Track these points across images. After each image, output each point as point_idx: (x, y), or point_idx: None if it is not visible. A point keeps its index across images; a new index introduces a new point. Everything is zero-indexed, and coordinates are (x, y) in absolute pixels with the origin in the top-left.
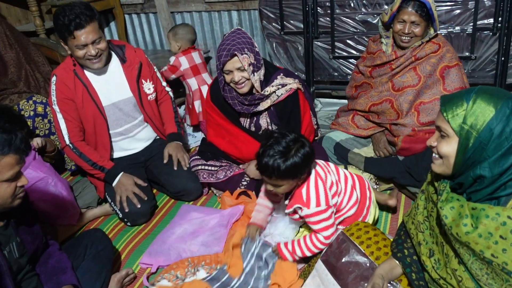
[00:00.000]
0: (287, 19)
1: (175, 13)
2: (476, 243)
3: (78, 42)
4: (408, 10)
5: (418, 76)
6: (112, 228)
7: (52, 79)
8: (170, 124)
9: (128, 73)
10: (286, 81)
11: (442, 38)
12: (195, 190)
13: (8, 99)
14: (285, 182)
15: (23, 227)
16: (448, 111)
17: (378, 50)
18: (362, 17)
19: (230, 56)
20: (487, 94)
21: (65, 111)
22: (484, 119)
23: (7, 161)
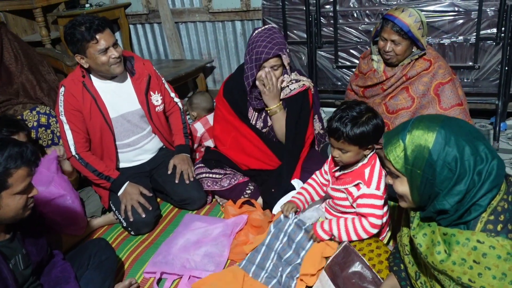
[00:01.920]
0: (291, 29)
1: (179, 23)
2: (452, 270)
3: (100, 46)
4: (388, 29)
5: (411, 97)
6: (116, 237)
7: (60, 90)
8: (179, 136)
9: (137, 85)
10: (300, 78)
11: (433, 52)
12: (199, 198)
13: (12, 110)
14: (352, 148)
15: (29, 239)
16: (390, 154)
17: (369, 70)
18: (365, 27)
19: (273, 55)
20: (420, 128)
21: (72, 122)
22: (423, 156)
23: (19, 174)
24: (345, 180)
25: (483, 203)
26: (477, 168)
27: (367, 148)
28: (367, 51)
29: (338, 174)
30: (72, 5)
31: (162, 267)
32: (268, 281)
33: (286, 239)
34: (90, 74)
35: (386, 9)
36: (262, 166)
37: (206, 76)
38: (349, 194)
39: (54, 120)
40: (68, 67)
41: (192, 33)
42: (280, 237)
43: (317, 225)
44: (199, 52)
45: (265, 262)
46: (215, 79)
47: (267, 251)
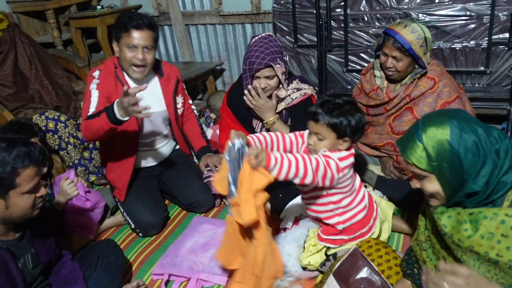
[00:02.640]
0: (301, 32)
1: (189, 25)
2: (480, 245)
3: (130, 40)
4: (389, 44)
5: (416, 119)
6: (124, 239)
7: (94, 72)
8: (199, 139)
9: (165, 87)
10: (301, 86)
11: (437, 69)
12: (207, 201)
13: (23, 113)
14: (329, 135)
15: (37, 239)
16: (411, 157)
17: (371, 90)
18: (375, 30)
19: (264, 66)
20: (432, 125)
21: (102, 91)
22: (444, 149)
23: (27, 173)
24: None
25: (508, 180)
26: (494, 148)
27: (343, 140)
28: (368, 66)
29: None
30: (83, 7)
31: (170, 269)
32: None
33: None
34: (122, 68)
35: (397, 13)
36: None
37: (215, 78)
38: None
39: (62, 125)
40: (79, 68)
41: (202, 35)
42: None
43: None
44: (209, 55)
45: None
46: (224, 82)
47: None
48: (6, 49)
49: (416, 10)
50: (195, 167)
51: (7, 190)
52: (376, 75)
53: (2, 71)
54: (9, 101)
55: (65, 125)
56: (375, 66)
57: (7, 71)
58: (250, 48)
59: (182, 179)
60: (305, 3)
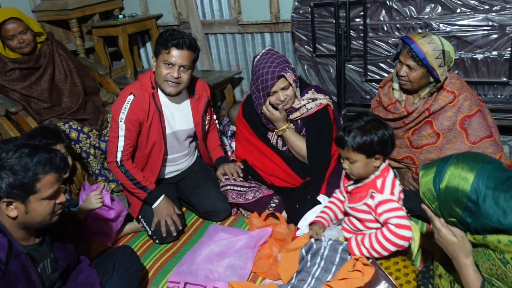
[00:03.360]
0: (319, 42)
1: (209, 34)
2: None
3: (167, 58)
4: (405, 52)
5: (435, 133)
6: (141, 245)
7: (128, 97)
8: (217, 150)
9: (195, 106)
10: (317, 96)
11: (457, 82)
12: (224, 210)
13: (48, 120)
14: (358, 157)
15: (57, 244)
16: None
17: (390, 103)
18: (395, 40)
19: (276, 78)
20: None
21: (129, 131)
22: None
23: (48, 179)
24: (360, 195)
25: None
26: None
27: (375, 158)
28: (386, 79)
29: (351, 188)
30: (106, 16)
31: (185, 277)
32: None
33: (324, 263)
34: (158, 88)
35: (417, 23)
36: (285, 184)
37: (234, 87)
38: (370, 208)
39: (84, 136)
40: (101, 76)
41: (221, 44)
42: (317, 261)
43: (352, 241)
44: (227, 63)
45: (300, 285)
46: (243, 90)
47: (303, 275)
48: (45, 63)
49: (437, 20)
50: (213, 176)
51: (27, 195)
52: (395, 87)
53: (40, 86)
54: (41, 115)
55: (87, 136)
56: (394, 79)
57: (44, 86)
58: (257, 68)
59: (199, 188)
60: (324, 12)
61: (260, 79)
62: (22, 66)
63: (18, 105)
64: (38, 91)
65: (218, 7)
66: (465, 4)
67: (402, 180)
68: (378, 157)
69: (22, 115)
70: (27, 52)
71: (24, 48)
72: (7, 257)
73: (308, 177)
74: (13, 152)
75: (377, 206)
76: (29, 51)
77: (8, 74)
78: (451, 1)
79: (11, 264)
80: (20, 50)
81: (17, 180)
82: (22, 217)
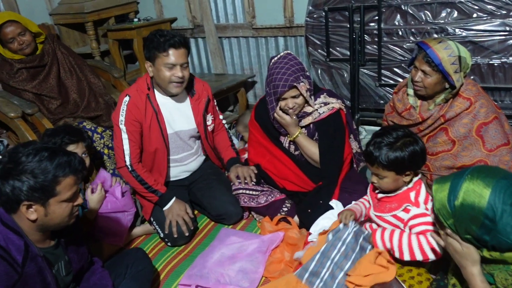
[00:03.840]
0: (333, 46)
1: (222, 38)
2: None
3: (168, 60)
4: (420, 58)
5: (451, 140)
6: (153, 248)
7: (124, 99)
8: (229, 151)
9: (195, 106)
10: (329, 100)
11: (473, 89)
12: (236, 214)
13: (62, 121)
14: (387, 174)
15: (71, 247)
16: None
17: (404, 109)
18: (410, 45)
19: (288, 88)
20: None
21: (131, 132)
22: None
23: (67, 182)
24: (390, 206)
25: None
26: None
27: (405, 174)
28: (400, 84)
29: (380, 196)
30: (121, 19)
31: (197, 280)
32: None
33: (344, 249)
34: (154, 88)
35: (433, 28)
36: (297, 189)
37: (247, 90)
38: (398, 220)
39: (98, 136)
40: (116, 79)
41: (235, 48)
42: (338, 246)
43: (378, 232)
44: (241, 67)
45: (319, 269)
46: (256, 94)
47: (322, 258)
48: (49, 61)
49: (453, 25)
50: (225, 178)
51: (47, 198)
52: (409, 93)
53: (48, 83)
54: (55, 114)
55: (101, 136)
56: (408, 84)
57: (52, 83)
58: (272, 71)
59: (211, 190)
60: (338, 17)
61: (272, 83)
62: (28, 65)
63: (34, 107)
64: (48, 88)
65: (232, 11)
66: (482, 9)
67: None
68: (408, 173)
69: (38, 117)
70: (29, 52)
71: (25, 49)
72: (24, 260)
73: (321, 181)
74: (33, 155)
75: (412, 219)
76: (30, 51)
77: (17, 76)
78: (467, 6)
79: (27, 267)
80: (22, 51)
81: (38, 183)
82: (42, 220)
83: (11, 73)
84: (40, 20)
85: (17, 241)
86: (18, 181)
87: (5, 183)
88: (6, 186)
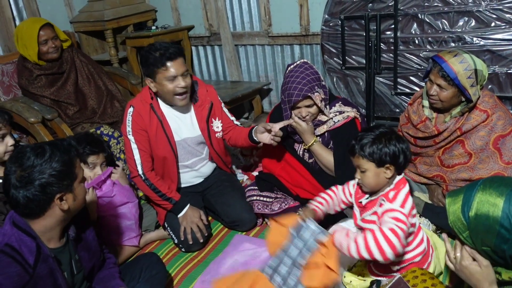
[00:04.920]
0: (349, 54)
1: (238, 46)
2: None
3: (169, 73)
4: (435, 72)
5: (467, 153)
6: (167, 253)
7: (128, 110)
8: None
9: (199, 113)
10: (344, 109)
11: (490, 101)
12: (250, 220)
13: (80, 126)
14: (368, 166)
15: (81, 245)
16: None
17: (420, 122)
18: (426, 54)
19: (302, 98)
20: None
21: (140, 141)
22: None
23: (78, 162)
24: (371, 205)
25: None
26: None
27: (385, 167)
28: (415, 95)
29: (365, 202)
30: (139, 27)
31: (210, 286)
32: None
33: (302, 246)
34: (158, 99)
35: (450, 37)
36: (310, 196)
37: (262, 98)
38: (378, 218)
39: (115, 141)
40: (133, 85)
41: (250, 55)
42: (298, 244)
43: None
44: (256, 74)
45: (279, 267)
46: (271, 101)
47: (282, 256)
48: (68, 68)
49: (470, 34)
50: (239, 185)
51: (72, 182)
52: (425, 105)
53: (66, 89)
54: (73, 119)
55: (117, 141)
56: (424, 96)
57: (70, 90)
58: (287, 79)
59: (225, 197)
60: (354, 25)
61: (287, 92)
62: (47, 72)
63: (54, 112)
64: (65, 95)
65: (249, 19)
66: (500, 18)
67: (431, 196)
68: (388, 167)
69: (57, 122)
70: (56, 57)
71: (54, 53)
72: (36, 261)
73: None
74: (40, 154)
75: (384, 213)
76: (57, 56)
77: (36, 82)
78: (485, 15)
79: (38, 268)
80: (51, 54)
81: (62, 172)
82: (72, 206)
83: (30, 79)
84: (61, 28)
85: (29, 243)
86: (44, 179)
87: (30, 188)
88: (32, 191)
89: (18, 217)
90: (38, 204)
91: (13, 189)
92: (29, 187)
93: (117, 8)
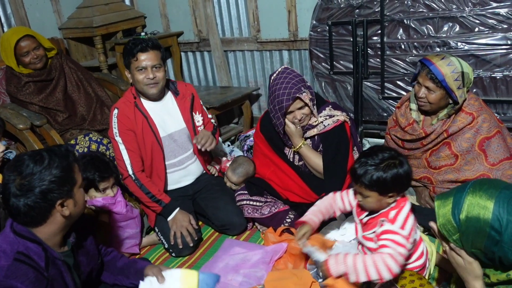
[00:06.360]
0: (337, 59)
1: (228, 51)
2: None
3: (138, 64)
4: (423, 74)
5: (454, 154)
6: (157, 258)
7: (113, 112)
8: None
9: (182, 104)
10: (334, 113)
11: (476, 104)
12: (240, 224)
13: (69, 133)
14: (370, 194)
15: (81, 250)
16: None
17: (407, 124)
18: (412, 58)
19: (292, 100)
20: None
21: (127, 142)
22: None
23: (76, 168)
24: (373, 224)
25: None
26: None
27: (388, 196)
28: (402, 99)
29: (366, 219)
30: (128, 33)
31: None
32: None
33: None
34: (140, 97)
35: (435, 42)
36: (300, 200)
37: (251, 103)
38: (377, 237)
39: (104, 148)
40: (122, 91)
41: (240, 61)
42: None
43: (331, 258)
44: (245, 80)
45: None
46: (260, 106)
47: None
48: (57, 75)
49: (455, 39)
50: (229, 189)
51: (73, 187)
52: (412, 108)
53: (55, 96)
54: (63, 125)
55: (106, 148)
56: (411, 99)
57: (59, 96)
58: (274, 88)
59: (215, 201)
60: (342, 31)
61: (276, 100)
62: (35, 79)
63: (43, 118)
64: (54, 102)
65: (238, 25)
66: (484, 23)
67: (419, 199)
68: (392, 195)
69: (46, 128)
70: (40, 67)
71: (37, 63)
72: (46, 264)
73: (323, 193)
74: (38, 161)
75: (382, 233)
76: (41, 66)
77: (24, 89)
78: (469, 20)
79: (50, 270)
80: (34, 65)
81: (62, 177)
82: (73, 211)
83: (19, 86)
84: (50, 34)
85: (35, 248)
86: (45, 186)
87: (31, 196)
88: (33, 199)
89: (19, 226)
90: (40, 212)
91: (13, 198)
92: (30, 195)
93: (106, 14)
